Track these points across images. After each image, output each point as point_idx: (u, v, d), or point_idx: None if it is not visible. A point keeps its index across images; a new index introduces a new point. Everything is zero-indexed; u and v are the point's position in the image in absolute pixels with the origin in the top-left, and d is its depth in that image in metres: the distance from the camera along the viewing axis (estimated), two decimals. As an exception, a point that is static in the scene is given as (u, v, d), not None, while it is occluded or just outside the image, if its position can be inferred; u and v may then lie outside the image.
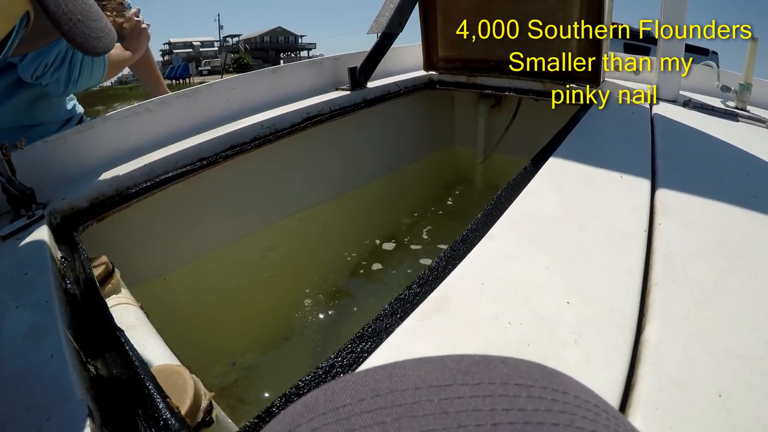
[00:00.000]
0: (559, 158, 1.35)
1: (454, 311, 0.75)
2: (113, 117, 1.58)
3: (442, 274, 0.87)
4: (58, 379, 0.67)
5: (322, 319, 2.07)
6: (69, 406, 0.63)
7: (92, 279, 1.00)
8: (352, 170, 2.56)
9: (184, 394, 0.74)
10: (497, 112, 2.94)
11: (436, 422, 0.24)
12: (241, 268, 2.03)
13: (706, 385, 0.59)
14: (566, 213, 1.04)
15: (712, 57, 8.50)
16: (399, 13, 2.41)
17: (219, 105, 1.94)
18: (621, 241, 0.93)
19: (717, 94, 2.16)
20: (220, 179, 1.87)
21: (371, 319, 0.77)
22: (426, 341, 0.69)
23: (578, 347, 0.66)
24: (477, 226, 1.04)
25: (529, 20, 2.30)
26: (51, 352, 0.73)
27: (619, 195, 1.12)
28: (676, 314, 0.72)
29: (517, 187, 1.20)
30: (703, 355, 0.64)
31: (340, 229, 2.47)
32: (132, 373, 0.73)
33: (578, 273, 0.83)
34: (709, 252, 0.89)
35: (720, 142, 1.52)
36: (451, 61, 2.73)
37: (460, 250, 0.94)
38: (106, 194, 1.40)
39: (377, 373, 0.28)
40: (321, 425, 0.25)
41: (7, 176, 1.18)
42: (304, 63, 2.36)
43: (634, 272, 0.83)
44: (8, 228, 1.16)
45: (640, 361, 0.64)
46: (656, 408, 0.57)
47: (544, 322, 0.71)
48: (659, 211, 1.04)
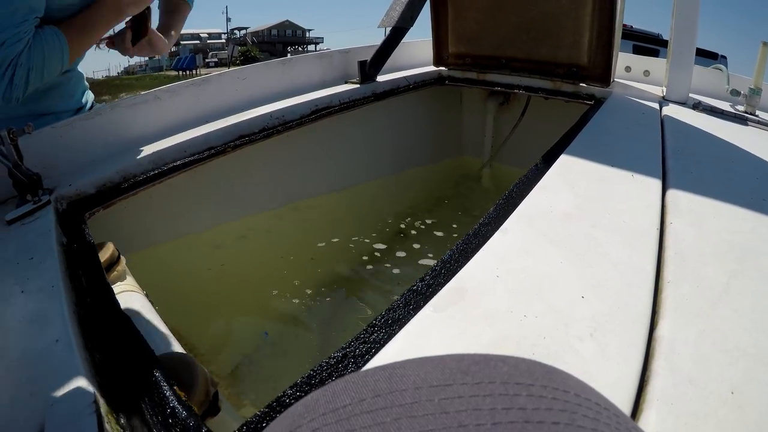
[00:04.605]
0: (571, 156, 1.35)
1: (469, 303, 0.75)
2: (122, 104, 1.58)
3: (455, 266, 0.87)
4: (64, 365, 0.67)
5: (324, 308, 2.06)
6: (74, 392, 0.62)
7: (98, 265, 1.00)
8: (360, 163, 2.56)
9: (192, 383, 0.73)
10: (506, 110, 2.94)
11: (437, 422, 0.24)
12: (248, 257, 2.03)
13: (718, 382, 0.60)
14: (579, 209, 1.04)
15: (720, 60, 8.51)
16: (410, 7, 2.41)
17: (228, 95, 1.94)
18: (633, 238, 0.93)
19: (726, 97, 2.15)
20: (228, 168, 1.87)
21: (384, 310, 0.77)
22: (441, 333, 0.69)
23: (594, 341, 0.67)
24: (489, 220, 1.04)
25: (541, 19, 2.30)
26: (56, 337, 0.72)
27: (631, 193, 1.13)
28: (689, 312, 0.73)
29: (529, 183, 1.20)
30: (716, 352, 0.65)
31: (346, 220, 2.47)
32: (139, 360, 0.72)
33: (592, 268, 0.84)
34: (720, 252, 0.89)
35: (729, 145, 1.52)
36: (461, 57, 2.72)
37: (472, 244, 0.95)
38: (114, 181, 1.39)
39: (377, 374, 0.28)
40: (321, 426, 0.25)
41: (14, 161, 1.17)
42: (313, 55, 2.35)
43: (647, 269, 0.84)
44: (14, 213, 1.16)
45: (653, 356, 0.65)
46: (671, 403, 0.57)
47: (559, 316, 0.72)
48: (670, 211, 1.04)
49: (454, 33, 2.67)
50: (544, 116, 2.68)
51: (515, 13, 2.37)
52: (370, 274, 2.30)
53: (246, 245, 2.01)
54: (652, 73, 2.52)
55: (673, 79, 2.10)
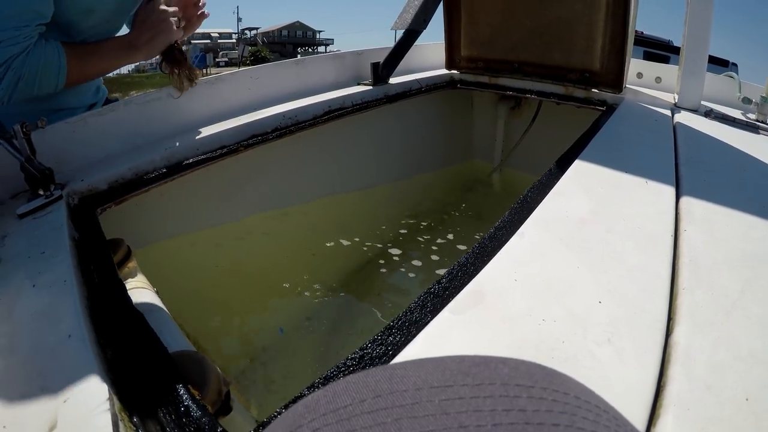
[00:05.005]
0: (585, 161, 1.35)
1: (488, 306, 0.75)
2: (135, 101, 1.58)
3: (472, 269, 0.87)
4: (76, 361, 0.66)
5: (333, 309, 2.07)
6: (88, 388, 0.61)
7: (110, 261, 1.00)
8: (370, 165, 2.57)
9: (205, 382, 0.73)
10: (516, 114, 2.94)
11: (437, 423, 0.24)
12: (256, 256, 2.03)
13: (733, 388, 0.60)
14: (594, 214, 1.05)
15: (731, 68, 8.50)
16: (424, 10, 2.41)
17: (241, 94, 1.94)
18: (648, 244, 0.93)
19: (738, 105, 2.15)
20: (240, 167, 1.87)
21: (400, 312, 0.77)
22: (461, 335, 0.70)
23: (611, 346, 0.67)
24: (504, 224, 1.04)
25: (554, 23, 2.30)
26: (69, 332, 0.72)
27: (645, 200, 1.13)
28: (704, 318, 0.73)
29: (544, 188, 1.21)
30: (730, 359, 0.65)
31: (356, 221, 2.48)
32: (152, 357, 0.72)
33: (608, 273, 0.84)
34: (733, 260, 0.89)
35: (742, 153, 1.52)
36: (473, 61, 2.72)
37: (488, 247, 0.95)
38: (126, 177, 1.40)
39: (378, 374, 0.29)
40: (322, 425, 0.26)
41: (27, 155, 1.17)
42: (326, 56, 2.36)
43: (662, 276, 0.84)
44: (25, 207, 1.16)
45: (669, 362, 0.65)
46: (687, 408, 0.58)
47: (577, 321, 0.72)
48: (684, 218, 1.04)
49: (467, 36, 2.67)
50: (555, 121, 2.68)
51: (528, 17, 2.37)
52: (380, 276, 2.31)
53: (255, 244, 2.01)
54: (663, 80, 2.52)
55: (686, 86, 2.09)
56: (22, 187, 1.26)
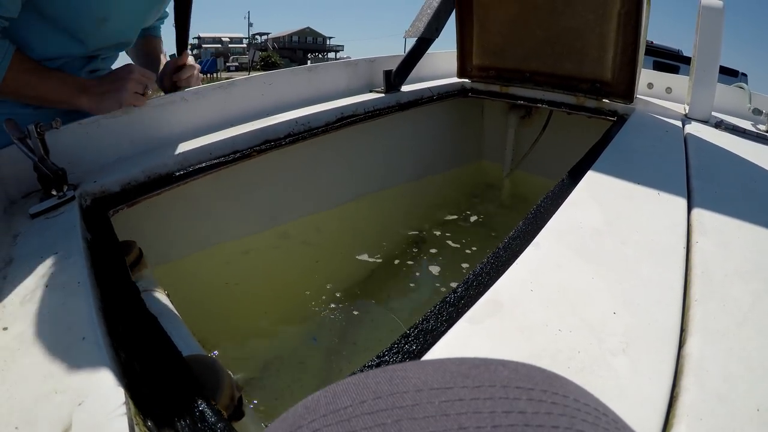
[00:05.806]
0: (598, 172, 1.35)
1: (505, 316, 0.76)
2: (148, 104, 1.58)
3: (487, 279, 0.88)
4: (91, 363, 0.66)
5: (343, 315, 2.07)
6: (104, 391, 0.61)
7: (123, 263, 1.00)
8: (381, 174, 2.57)
9: (218, 386, 0.73)
10: (527, 123, 2.94)
11: (437, 424, 0.24)
12: (267, 261, 2.03)
13: (745, 399, 0.61)
14: (609, 225, 1.05)
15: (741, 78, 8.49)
16: (436, 18, 2.42)
17: (254, 99, 1.95)
18: (661, 256, 0.94)
19: (748, 116, 2.14)
20: (252, 172, 1.88)
21: (416, 320, 0.78)
22: (481, 344, 0.70)
23: (626, 357, 0.67)
24: (519, 234, 1.05)
25: (565, 33, 2.30)
26: (83, 334, 0.71)
27: (657, 211, 1.13)
28: (716, 330, 0.73)
29: (557, 198, 1.21)
30: (742, 370, 0.65)
31: (367, 228, 2.48)
32: (166, 361, 0.72)
33: (623, 284, 0.84)
34: (745, 272, 0.90)
35: (753, 165, 1.52)
36: (485, 70, 2.72)
37: (503, 257, 0.95)
38: (138, 180, 1.40)
39: (378, 376, 0.29)
40: (322, 426, 0.26)
41: (40, 155, 1.18)
42: (339, 63, 2.37)
43: (675, 287, 0.84)
44: (38, 207, 1.16)
45: (682, 373, 0.66)
46: (700, 419, 0.58)
47: (592, 331, 0.72)
48: (696, 230, 1.04)
49: (479, 45, 2.67)
50: (566, 131, 2.68)
51: (540, 27, 2.38)
52: (392, 282, 2.31)
53: (264, 250, 2.01)
54: (674, 91, 2.52)
55: (696, 97, 2.09)
56: (34, 187, 1.27)
